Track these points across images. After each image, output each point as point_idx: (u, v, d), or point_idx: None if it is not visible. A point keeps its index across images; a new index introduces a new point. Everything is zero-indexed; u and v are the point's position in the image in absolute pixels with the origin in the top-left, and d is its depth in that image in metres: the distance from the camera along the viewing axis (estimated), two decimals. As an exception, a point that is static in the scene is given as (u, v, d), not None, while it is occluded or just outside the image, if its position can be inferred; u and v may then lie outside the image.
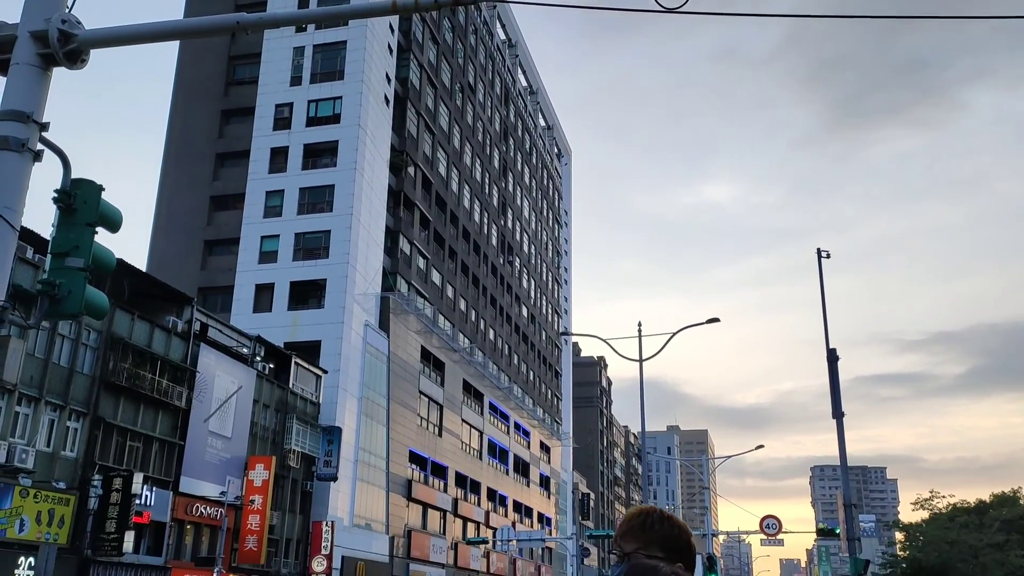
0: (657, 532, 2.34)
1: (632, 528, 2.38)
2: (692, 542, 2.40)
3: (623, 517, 2.50)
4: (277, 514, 40.98)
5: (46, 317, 6.44)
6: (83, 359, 31.39)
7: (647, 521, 2.38)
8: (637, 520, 2.40)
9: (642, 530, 2.36)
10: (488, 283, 71.68)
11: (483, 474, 66.30)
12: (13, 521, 27.37)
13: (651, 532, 2.34)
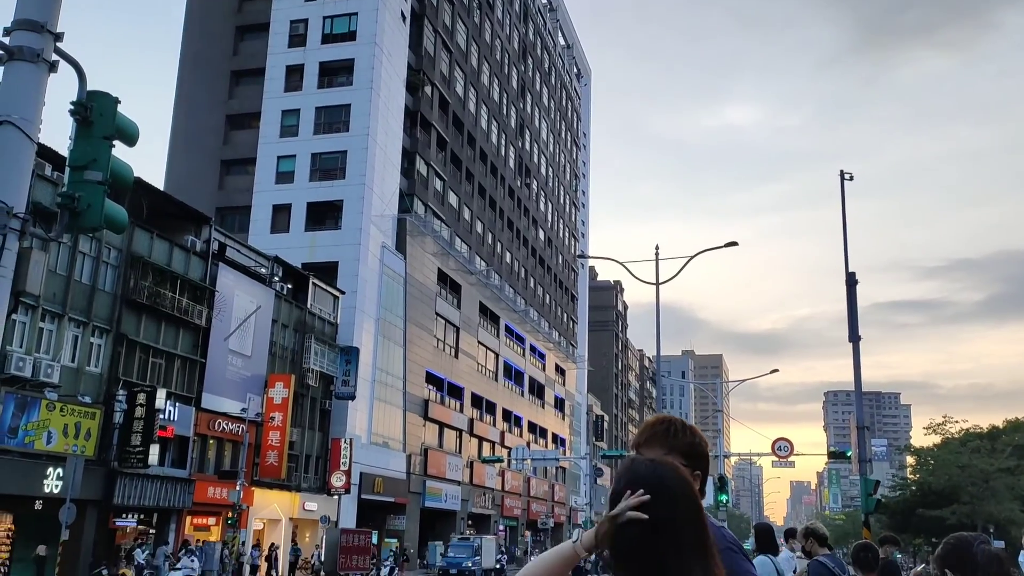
0: (681, 440, 2.32)
1: (656, 435, 2.36)
2: (708, 455, 2.38)
3: (643, 424, 2.47)
4: (297, 431, 41.87)
5: (67, 231, 6.44)
6: (105, 277, 31.71)
7: (671, 429, 2.36)
8: (661, 427, 2.37)
9: (666, 437, 2.33)
10: (505, 206, 71.33)
11: (499, 395, 67.23)
12: (41, 433, 28.11)
13: (675, 440, 2.32)
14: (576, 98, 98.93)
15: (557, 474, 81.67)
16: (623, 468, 2.02)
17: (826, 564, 6.68)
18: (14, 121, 5.86)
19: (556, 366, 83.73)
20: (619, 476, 2.01)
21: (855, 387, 19.45)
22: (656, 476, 1.92)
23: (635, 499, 1.89)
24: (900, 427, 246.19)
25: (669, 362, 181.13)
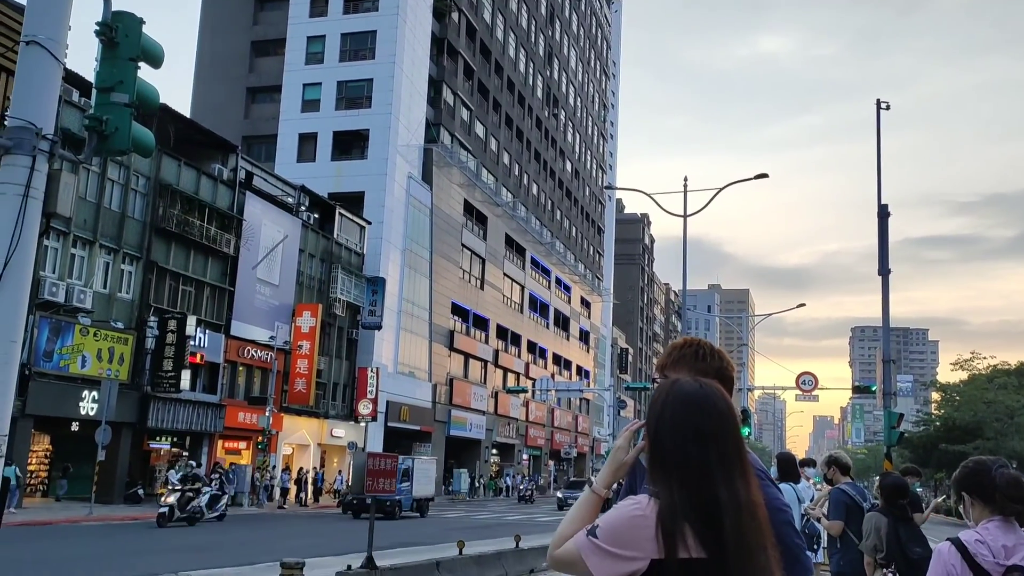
0: (708, 364, 2.27)
1: (684, 357, 2.31)
2: (733, 379, 2.35)
3: (670, 346, 2.42)
4: (324, 359, 42.47)
5: (95, 153, 6.41)
6: (134, 204, 31.94)
7: (700, 352, 2.31)
8: (689, 350, 2.32)
9: (694, 360, 2.29)
10: (532, 136, 70.51)
11: (524, 327, 67.59)
12: (75, 357, 28.74)
13: (703, 363, 2.27)
14: (606, 25, 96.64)
15: (581, 405, 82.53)
16: (665, 387, 2.01)
17: (848, 492, 6.70)
18: (40, 41, 5.78)
19: (581, 299, 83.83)
20: (658, 393, 2.00)
21: (883, 320, 19.27)
22: (703, 392, 1.96)
23: (636, 424, 2.08)
24: (927, 363, 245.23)
25: (695, 296, 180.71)
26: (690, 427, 1.89)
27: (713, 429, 1.90)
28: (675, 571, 1.79)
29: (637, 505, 1.86)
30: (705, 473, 1.86)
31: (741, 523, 1.83)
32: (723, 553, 1.81)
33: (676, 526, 1.80)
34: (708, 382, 2.00)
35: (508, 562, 13.76)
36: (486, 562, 13.18)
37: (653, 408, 1.98)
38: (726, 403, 1.96)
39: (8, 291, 5.60)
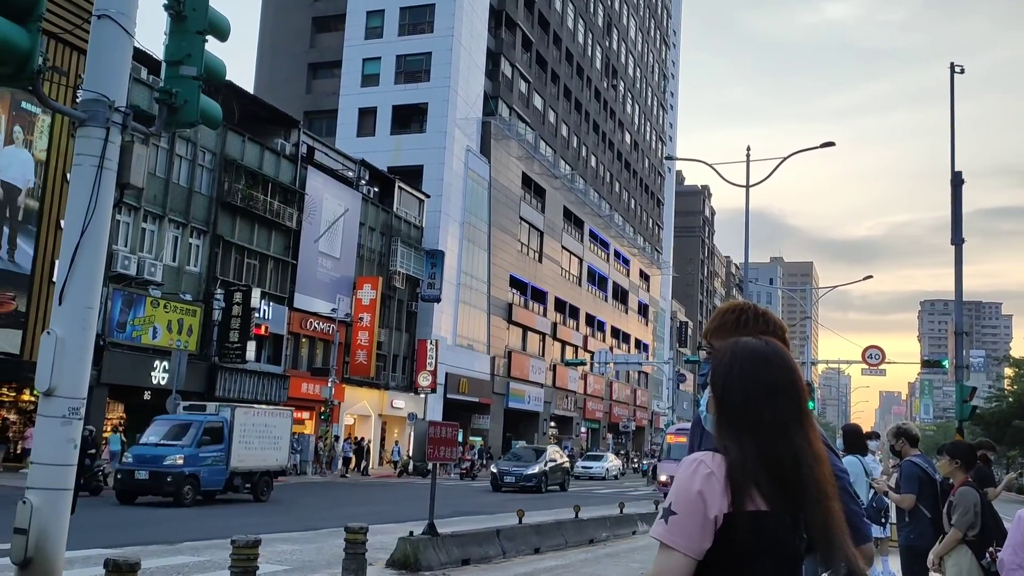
0: (753, 328, 2.22)
1: (726, 323, 2.27)
2: (787, 341, 2.28)
3: (714, 312, 2.37)
4: (384, 331, 43.04)
5: (166, 126, 6.55)
6: (201, 179, 32.67)
7: (742, 317, 2.27)
8: (731, 315, 2.29)
9: (736, 326, 2.24)
10: (591, 108, 69.81)
11: (582, 300, 67.42)
12: (147, 328, 29.67)
13: (746, 328, 2.22)
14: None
15: (639, 379, 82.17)
16: (729, 345, 2.00)
17: (919, 464, 6.55)
18: (111, 15, 5.90)
19: (640, 272, 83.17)
20: (722, 351, 1.99)
21: (955, 291, 18.68)
22: (769, 348, 1.96)
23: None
24: (1000, 338, 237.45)
25: (757, 269, 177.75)
26: (760, 382, 1.89)
27: (783, 383, 1.90)
28: (745, 523, 1.79)
29: (701, 463, 1.85)
30: (775, 427, 1.86)
31: (813, 474, 1.83)
32: (795, 505, 1.81)
33: (746, 480, 1.80)
34: (769, 339, 2.00)
35: (568, 532, 13.83)
36: (545, 531, 13.27)
37: (719, 366, 1.96)
38: (790, 357, 1.97)
39: (85, 259, 5.78)
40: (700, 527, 1.81)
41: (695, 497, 1.82)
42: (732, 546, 1.79)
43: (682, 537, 1.81)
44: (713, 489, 1.81)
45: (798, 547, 1.81)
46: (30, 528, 5.48)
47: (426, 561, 10.28)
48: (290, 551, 11.81)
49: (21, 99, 25.91)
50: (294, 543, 12.75)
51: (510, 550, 11.96)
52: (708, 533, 1.80)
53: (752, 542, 1.78)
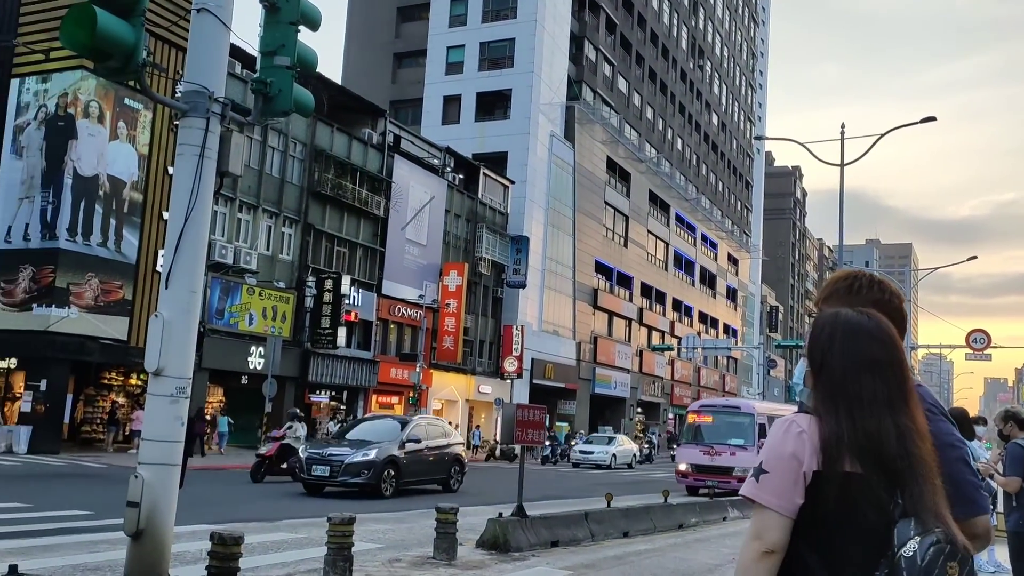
0: (865, 296, 2.12)
1: (837, 291, 2.19)
2: (903, 310, 2.18)
3: (827, 280, 2.30)
4: (471, 317, 43.48)
5: (261, 115, 6.75)
6: (292, 170, 33.58)
7: (855, 284, 2.17)
8: (843, 283, 2.20)
9: (848, 293, 2.15)
10: (676, 90, 68.65)
11: (668, 285, 66.61)
12: (243, 315, 30.74)
13: (858, 296, 2.13)
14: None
15: (728, 364, 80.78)
16: (828, 318, 1.96)
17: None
18: (209, 8, 6.11)
19: (728, 255, 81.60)
20: (822, 324, 1.95)
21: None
22: (871, 321, 1.91)
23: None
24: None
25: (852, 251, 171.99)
26: (861, 356, 1.85)
27: (885, 358, 1.86)
28: (836, 482, 1.77)
29: (793, 423, 1.85)
30: (876, 403, 1.82)
31: (919, 452, 1.79)
32: (892, 478, 1.77)
33: (840, 453, 1.78)
34: (871, 312, 1.95)
35: (656, 516, 13.74)
36: (634, 515, 13.22)
37: (819, 339, 1.93)
38: (892, 331, 1.92)
39: (188, 244, 6.02)
40: (792, 484, 1.79)
41: (787, 457, 1.81)
42: (820, 505, 1.77)
43: (774, 495, 1.80)
44: (804, 448, 1.80)
45: (891, 512, 1.76)
46: (142, 501, 5.77)
47: (515, 542, 10.37)
48: (382, 530, 12.09)
49: (124, 96, 27.08)
50: (386, 523, 13.05)
51: (598, 533, 11.97)
52: (800, 490, 1.79)
53: (841, 501, 1.76)
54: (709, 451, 21.79)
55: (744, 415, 22.50)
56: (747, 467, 19.28)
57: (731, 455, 21.51)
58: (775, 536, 1.79)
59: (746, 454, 21.05)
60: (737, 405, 23.98)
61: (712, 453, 21.71)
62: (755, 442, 21.07)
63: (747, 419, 22.16)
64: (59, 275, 25.48)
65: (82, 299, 26.00)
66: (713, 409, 23.57)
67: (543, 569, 9.58)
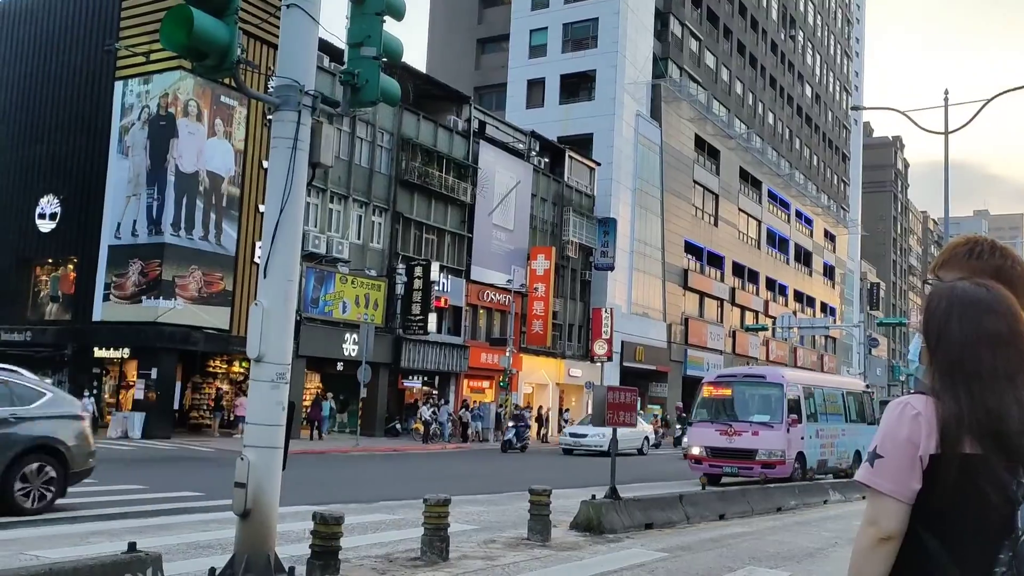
0: (986, 262, 1.99)
1: (956, 256, 2.06)
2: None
3: (946, 246, 2.18)
4: (559, 301, 43.48)
5: (350, 106, 6.89)
6: (380, 159, 34.19)
7: (975, 249, 2.04)
8: (962, 248, 2.07)
9: (967, 259, 2.02)
10: (767, 62, 66.73)
11: (761, 263, 65.08)
12: (337, 303, 31.54)
13: (978, 261, 2.00)
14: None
15: (826, 344, 78.46)
16: (943, 291, 1.88)
17: None
18: (298, 3, 6.27)
19: (825, 232, 79.09)
20: (937, 298, 1.87)
21: None
22: (990, 294, 1.83)
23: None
24: None
25: (958, 223, 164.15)
26: (980, 331, 1.78)
27: (1004, 331, 1.78)
28: (954, 464, 1.71)
29: (908, 405, 1.78)
30: (997, 380, 1.74)
31: None
32: (1014, 457, 1.70)
33: (960, 434, 1.72)
34: (990, 283, 1.86)
35: (753, 499, 13.52)
36: (730, 498, 13.03)
37: (935, 313, 1.85)
38: (1013, 303, 1.83)
39: (284, 234, 6.21)
40: (908, 469, 1.73)
41: (903, 441, 1.75)
42: (939, 489, 1.71)
43: (890, 480, 1.75)
44: (920, 431, 1.74)
45: (1014, 493, 1.69)
46: (248, 482, 6.01)
47: (609, 524, 10.37)
48: (476, 512, 12.26)
49: (220, 94, 28.04)
50: (480, 504, 13.23)
51: (694, 516, 11.85)
52: (917, 475, 1.73)
53: (961, 485, 1.70)
54: (727, 430, 18.35)
55: (771, 386, 18.84)
56: (773, 449, 17.75)
57: (753, 435, 18.05)
58: (892, 523, 1.75)
59: (772, 433, 17.82)
60: (762, 374, 20.52)
61: (731, 433, 18.25)
62: (783, 419, 17.93)
63: (774, 391, 18.52)
64: (165, 268, 26.66)
65: (187, 291, 27.14)
66: (733, 379, 20.23)
67: (638, 551, 9.55)
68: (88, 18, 30.08)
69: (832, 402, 20.78)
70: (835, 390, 21.66)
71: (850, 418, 21.29)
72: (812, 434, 19.00)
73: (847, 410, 21.34)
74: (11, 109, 31.58)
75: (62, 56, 30.40)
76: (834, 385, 22.58)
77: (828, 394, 20.76)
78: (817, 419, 19.47)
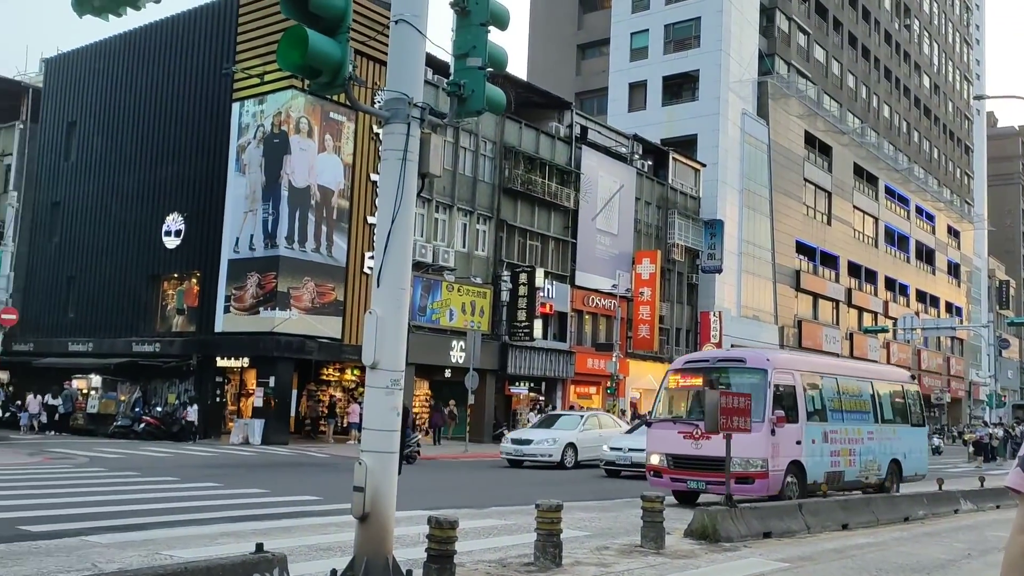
0: None
1: None
2: None
3: None
4: (665, 305, 42.88)
5: (456, 116, 6.99)
6: (483, 168, 34.58)
7: None
8: None
9: None
10: (880, 53, 64.12)
11: (879, 262, 62.47)
12: (443, 311, 32.02)
13: None
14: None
15: (952, 346, 74.56)
16: None
17: None
18: (406, 19, 6.41)
19: (948, 228, 75.26)
20: None
21: None
22: None
23: None
24: None
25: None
26: None
27: None
28: None
29: None
30: None
31: None
32: None
33: None
34: None
35: (878, 508, 12.94)
36: (853, 507, 12.52)
37: None
38: None
39: (396, 243, 6.35)
40: None
41: None
42: None
43: None
44: None
45: None
46: (366, 486, 6.16)
47: (725, 532, 10.12)
48: (588, 519, 12.20)
49: (330, 110, 28.97)
50: (591, 511, 13.15)
51: (814, 525, 11.44)
52: None
53: None
54: (692, 432, 13.53)
55: (751, 372, 13.96)
56: (749, 457, 12.86)
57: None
58: None
59: (749, 436, 12.30)
60: (741, 357, 15.19)
61: (697, 436, 13.40)
62: (765, 416, 13.07)
63: (755, 379, 13.63)
64: (280, 280, 27.69)
65: (301, 301, 28.11)
66: (704, 365, 14.74)
67: (756, 560, 9.29)
68: (207, 45, 31.64)
69: (853, 396, 15.77)
70: (859, 380, 16.35)
71: (883, 417, 16.33)
72: (816, 437, 14.11)
73: (878, 407, 16.25)
74: (141, 134, 33.51)
75: (184, 82, 32.07)
76: (857, 374, 16.99)
77: (846, 385, 15.65)
78: (827, 417, 14.65)
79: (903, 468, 16.58)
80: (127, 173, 33.41)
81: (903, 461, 16.56)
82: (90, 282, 34.05)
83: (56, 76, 37.41)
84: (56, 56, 38.25)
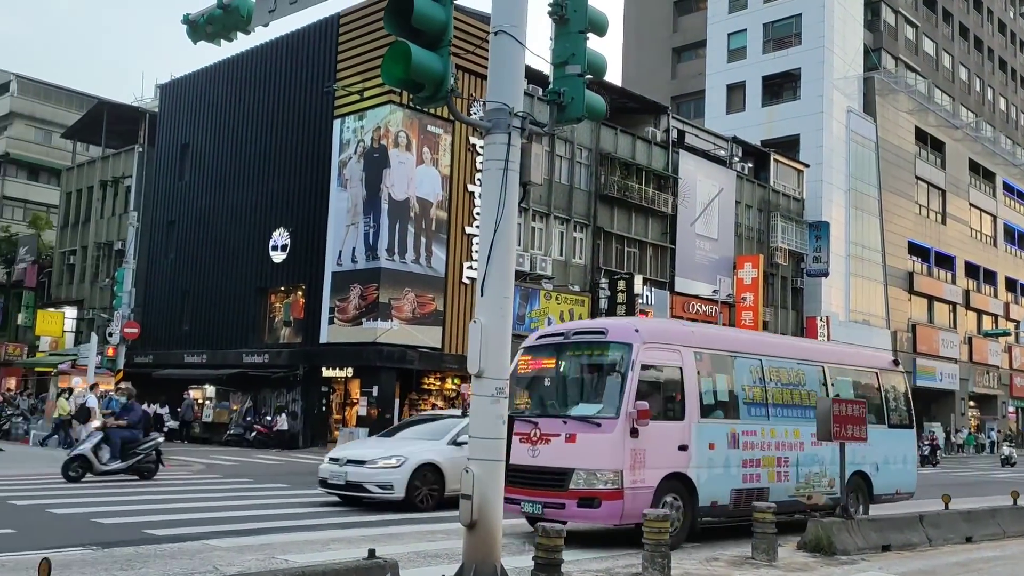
0: None
1: None
2: None
3: None
4: (769, 310, 41.76)
5: (556, 123, 6.99)
6: (580, 176, 34.53)
7: None
8: None
9: None
10: (995, 43, 61.00)
11: (999, 262, 59.26)
12: (542, 320, 32.06)
13: None
14: None
15: (1081, 350, 69.94)
16: None
17: None
18: (506, 29, 6.46)
19: (1073, 224, 70.78)
20: None
21: None
22: None
23: None
24: None
25: None
26: None
27: None
28: None
29: None
30: None
31: None
32: None
33: None
34: None
35: (1004, 520, 12.23)
36: (977, 519, 11.87)
37: None
38: None
39: (499, 253, 6.39)
40: None
41: None
42: None
43: None
44: None
45: None
46: (474, 494, 6.20)
47: (841, 545, 9.75)
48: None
49: (427, 124, 29.50)
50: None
51: (936, 538, 10.89)
52: None
53: None
54: (530, 434, 9.80)
55: (609, 348, 10.12)
56: (595, 469, 9.25)
57: (568, 442, 9.56)
58: None
59: (596, 438, 9.38)
60: (602, 328, 10.63)
61: (535, 439, 9.76)
62: (622, 408, 9.35)
63: (614, 357, 9.94)
64: (382, 291, 28.29)
65: (402, 312, 28.65)
66: (558, 341, 10.71)
67: (875, 574, 8.91)
68: (309, 65, 32.71)
69: (790, 385, 11.51)
70: (801, 364, 11.82)
71: None
72: (717, 440, 10.26)
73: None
74: (248, 153, 34.90)
75: (288, 101, 33.24)
76: (799, 355, 12.09)
77: (777, 370, 11.40)
78: (739, 413, 10.68)
79: (873, 484, 12.35)
80: (236, 191, 34.81)
81: (873, 475, 12.29)
82: (203, 296, 35.60)
83: (170, 100, 39.36)
84: (170, 81, 40.27)
